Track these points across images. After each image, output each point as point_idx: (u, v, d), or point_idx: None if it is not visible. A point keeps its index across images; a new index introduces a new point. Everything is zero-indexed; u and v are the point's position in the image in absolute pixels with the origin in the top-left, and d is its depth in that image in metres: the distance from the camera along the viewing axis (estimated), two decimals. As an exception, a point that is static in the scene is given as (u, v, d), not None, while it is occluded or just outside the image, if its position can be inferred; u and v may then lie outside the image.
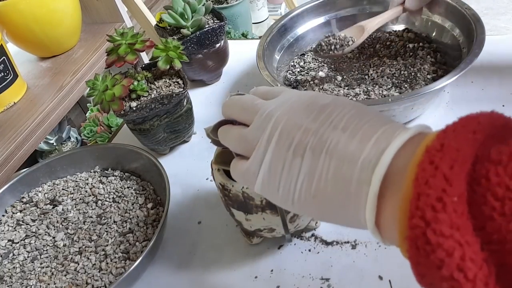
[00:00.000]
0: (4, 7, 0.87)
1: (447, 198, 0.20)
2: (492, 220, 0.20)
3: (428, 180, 0.21)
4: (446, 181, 0.20)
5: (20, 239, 0.53)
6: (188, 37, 0.67)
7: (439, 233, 0.19)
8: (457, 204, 0.20)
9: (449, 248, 0.19)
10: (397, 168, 0.24)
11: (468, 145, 0.21)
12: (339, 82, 0.65)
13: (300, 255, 0.48)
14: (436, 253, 0.20)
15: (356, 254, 0.47)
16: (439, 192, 0.20)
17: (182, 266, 0.50)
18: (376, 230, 0.25)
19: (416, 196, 0.21)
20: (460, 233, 0.19)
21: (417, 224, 0.20)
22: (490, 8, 2.16)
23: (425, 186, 0.21)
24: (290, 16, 0.72)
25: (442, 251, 0.19)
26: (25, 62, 1.01)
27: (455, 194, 0.20)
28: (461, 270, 0.19)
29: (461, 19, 0.61)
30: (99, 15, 1.11)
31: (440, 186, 0.20)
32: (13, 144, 0.78)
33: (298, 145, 0.28)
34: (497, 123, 0.23)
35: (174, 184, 0.54)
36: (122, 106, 0.55)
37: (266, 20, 2.08)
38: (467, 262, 0.19)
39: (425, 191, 0.20)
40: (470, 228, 0.20)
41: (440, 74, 0.61)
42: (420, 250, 0.20)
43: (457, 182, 0.20)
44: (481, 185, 0.20)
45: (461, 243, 0.19)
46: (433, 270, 0.20)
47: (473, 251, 0.19)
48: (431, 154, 0.21)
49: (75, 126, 1.49)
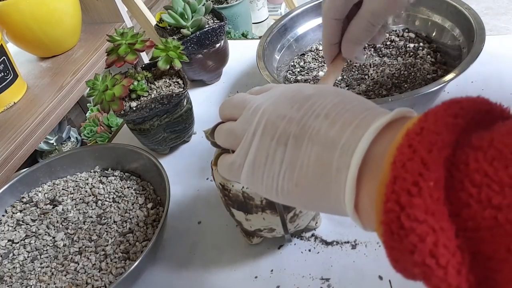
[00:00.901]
0: (4, 7, 0.87)
1: (423, 183, 0.19)
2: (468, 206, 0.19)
3: (405, 164, 0.20)
4: (424, 165, 0.20)
5: (20, 239, 0.53)
6: (188, 37, 0.67)
7: (413, 218, 0.19)
8: (433, 189, 0.19)
9: (422, 233, 0.19)
10: (377, 152, 0.24)
11: (449, 129, 0.21)
12: (339, 82, 0.65)
13: (300, 255, 0.48)
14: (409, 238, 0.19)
15: (356, 254, 0.47)
16: (416, 176, 0.20)
17: (182, 266, 0.50)
18: (355, 215, 0.25)
19: (392, 179, 0.20)
20: (435, 219, 0.19)
21: (392, 208, 0.20)
22: (490, 8, 2.16)
23: (402, 170, 0.20)
24: (290, 16, 0.72)
25: (415, 236, 0.19)
26: (25, 62, 1.01)
27: (432, 179, 0.19)
28: (433, 256, 0.19)
29: (461, 19, 0.61)
30: (99, 15, 1.11)
31: (417, 169, 0.20)
32: (13, 144, 0.78)
33: (281, 135, 0.28)
34: (481, 108, 0.22)
35: (174, 184, 0.54)
36: (122, 106, 0.55)
37: (266, 20, 2.08)
38: (439, 248, 0.19)
39: (402, 174, 0.20)
40: (446, 214, 0.19)
41: (440, 74, 0.61)
42: (394, 235, 0.20)
43: (435, 166, 0.20)
44: (460, 170, 0.20)
45: (434, 228, 0.19)
46: (406, 255, 0.20)
47: (447, 237, 0.19)
48: (410, 137, 0.21)
49: (75, 126, 1.49)
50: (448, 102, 0.23)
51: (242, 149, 0.31)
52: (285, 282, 0.46)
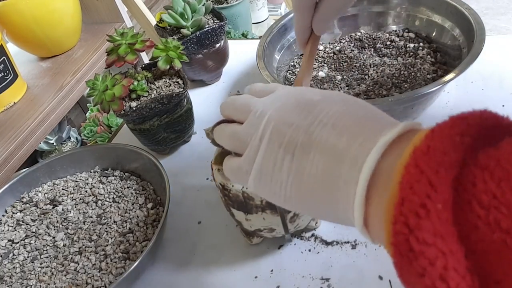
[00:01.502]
0: (4, 7, 0.87)
1: (431, 205, 0.19)
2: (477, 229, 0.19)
3: (413, 185, 0.20)
4: (431, 186, 0.20)
5: (20, 239, 0.53)
6: (188, 37, 0.67)
7: (422, 240, 0.19)
8: (442, 211, 0.19)
9: (431, 256, 0.19)
10: (385, 166, 0.23)
11: (455, 148, 0.21)
12: (339, 82, 0.65)
13: (300, 255, 0.48)
14: (418, 261, 0.19)
15: (356, 254, 0.47)
16: (423, 198, 0.19)
17: (182, 266, 0.50)
18: (364, 229, 0.25)
19: (400, 201, 0.20)
20: (444, 242, 0.19)
21: (400, 231, 0.20)
22: (490, 8, 2.16)
23: (410, 191, 0.20)
24: (290, 16, 0.72)
25: (425, 259, 0.19)
26: (25, 62, 1.01)
27: (440, 201, 0.19)
28: (444, 280, 0.18)
29: (461, 19, 0.61)
30: (99, 15, 1.11)
31: (425, 191, 0.20)
32: (13, 144, 0.78)
33: (288, 142, 0.28)
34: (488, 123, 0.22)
35: (174, 184, 0.54)
36: (122, 106, 0.55)
37: (266, 20, 2.08)
38: (449, 272, 0.18)
39: (409, 196, 0.20)
40: (455, 235, 0.19)
41: (440, 74, 0.61)
42: (404, 257, 0.20)
43: (442, 187, 0.20)
44: (467, 190, 0.20)
45: (444, 252, 0.19)
46: (416, 277, 0.19)
47: (456, 260, 0.19)
48: (417, 156, 0.21)
49: (75, 126, 1.49)
50: (455, 118, 0.22)
51: (249, 155, 0.31)
52: (285, 282, 0.46)
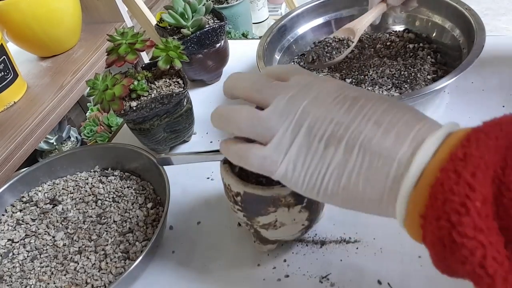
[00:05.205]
0: (5, 6, 0.87)
1: (470, 204, 0.22)
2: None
3: (452, 187, 0.23)
4: (469, 187, 0.22)
5: (20, 239, 0.53)
6: (188, 37, 0.67)
7: (463, 234, 0.22)
8: (481, 208, 0.22)
9: (472, 248, 0.22)
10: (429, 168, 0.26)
11: (490, 151, 0.23)
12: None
13: (301, 255, 0.48)
14: (461, 251, 0.22)
15: (356, 254, 0.47)
16: (463, 198, 0.22)
17: (181, 266, 0.50)
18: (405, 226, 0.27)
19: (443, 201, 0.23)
20: (484, 234, 0.22)
21: (444, 225, 0.23)
22: (491, 9, 2.16)
23: (450, 193, 0.23)
24: (290, 16, 0.72)
25: (466, 250, 0.22)
26: (25, 61, 1.01)
27: (478, 199, 0.22)
28: (482, 267, 0.21)
29: (461, 20, 0.61)
30: (99, 14, 1.11)
31: (464, 192, 0.22)
32: (13, 143, 0.78)
33: (330, 137, 0.29)
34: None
35: (174, 184, 0.54)
36: (122, 105, 0.55)
37: (266, 20, 2.09)
38: (488, 260, 0.21)
39: (450, 197, 0.23)
40: (496, 228, 0.22)
41: (440, 75, 0.61)
42: (447, 248, 0.23)
43: (481, 187, 0.22)
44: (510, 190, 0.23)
45: (483, 244, 0.21)
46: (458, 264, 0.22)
47: (496, 250, 0.21)
48: (455, 163, 0.23)
49: (75, 125, 1.49)
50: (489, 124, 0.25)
51: (280, 145, 0.30)
52: (285, 281, 0.46)
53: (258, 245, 0.47)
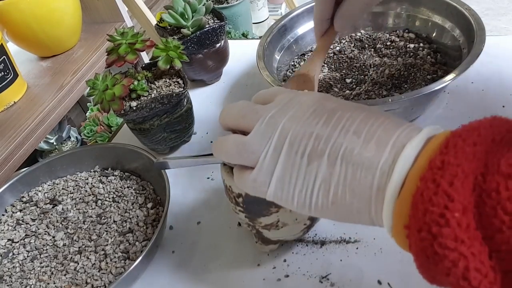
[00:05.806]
0: (5, 6, 0.87)
1: (449, 214, 0.22)
2: (501, 232, 0.21)
3: (431, 198, 0.22)
4: (448, 197, 0.22)
5: (20, 239, 0.53)
6: (188, 37, 0.67)
7: (444, 246, 0.21)
8: (460, 218, 0.21)
9: (454, 259, 0.21)
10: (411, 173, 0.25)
11: (468, 158, 0.23)
12: (338, 81, 0.65)
13: (301, 255, 0.48)
14: (443, 263, 0.22)
15: (356, 254, 0.47)
16: (442, 209, 0.22)
17: (182, 266, 0.50)
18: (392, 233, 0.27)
19: (423, 212, 0.23)
20: (465, 245, 0.21)
21: (425, 237, 0.22)
22: (491, 9, 2.16)
23: (429, 204, 0.22)
24: (290, 16, 0.72)
25: (449, 262, 0.21)
26: (25, 61, 1.01)
27: (457, 209, 0.22)
28: (466, 279, 0.21)
29: (461, 20, 0.61)
30: (99, 14, 1.11)
31: (443, 203, 0.22)
32: (13, 143, 0.78)
33: (311, 152, 0.28)
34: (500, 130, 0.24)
35: (174, 184, 0.54)
36: (122, 105, 0.55)
37: (266, 20, 2.09)
38: (471, 272, 0.21)
39: (429, 208, 0.22)
40: (479, 237, 0.22)
41: (440, 75, 0.61)
42: (430, 259, 0.22)
43: (460, 196, 0.22)
44: (491, 197, 0.22)
45: (465, 255, 0.21)
46: (442, 276, 0.22)
47: (479, 261, 0.21)
48: (433, 172, 0.23)
49: (75, 125, 1.49)
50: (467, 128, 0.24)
51: (264, 165, 0.30)
52: (285, 281, 0.46)
53: (260, 246, 0.47)
